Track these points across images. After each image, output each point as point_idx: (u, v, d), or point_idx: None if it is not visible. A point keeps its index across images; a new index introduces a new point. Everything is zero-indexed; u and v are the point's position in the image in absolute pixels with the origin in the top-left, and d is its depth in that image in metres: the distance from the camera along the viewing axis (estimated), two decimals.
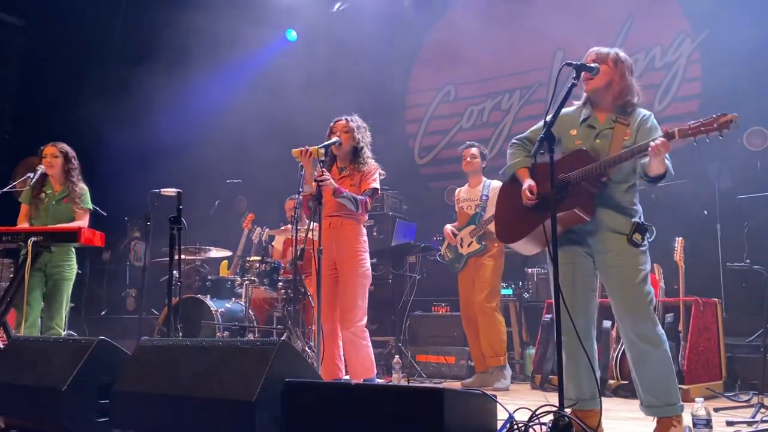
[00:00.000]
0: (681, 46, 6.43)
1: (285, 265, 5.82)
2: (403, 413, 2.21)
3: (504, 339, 5.10)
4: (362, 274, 4.00)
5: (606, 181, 2.88)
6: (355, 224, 4.06)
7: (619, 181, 2.91)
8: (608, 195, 2.90)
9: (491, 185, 5.21)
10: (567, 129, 3.05)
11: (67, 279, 4.53)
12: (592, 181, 2.86)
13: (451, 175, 7.54)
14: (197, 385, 2.54)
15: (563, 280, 2.90)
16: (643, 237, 2.86)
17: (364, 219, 4.14)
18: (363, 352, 3.95)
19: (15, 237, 3.98)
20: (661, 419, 2.81)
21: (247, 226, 6.57)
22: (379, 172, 4.12)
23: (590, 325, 2.97)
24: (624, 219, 2.88)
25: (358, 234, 4.06)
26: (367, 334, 4.03)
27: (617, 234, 2.87)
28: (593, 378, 2.89)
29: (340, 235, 4.01)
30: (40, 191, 4.60)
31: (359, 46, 7.79)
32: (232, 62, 8.15)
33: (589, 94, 3.01)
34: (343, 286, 3.98)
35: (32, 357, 3.05)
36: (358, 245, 4.03)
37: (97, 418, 2.85)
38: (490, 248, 5.12)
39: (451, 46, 7.79)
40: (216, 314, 5.56)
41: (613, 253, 2.87)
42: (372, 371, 4.01)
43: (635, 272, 2.83)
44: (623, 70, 2.94)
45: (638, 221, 2.88)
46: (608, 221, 2.89)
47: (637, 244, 2.84)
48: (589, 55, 2.98)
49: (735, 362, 4.76)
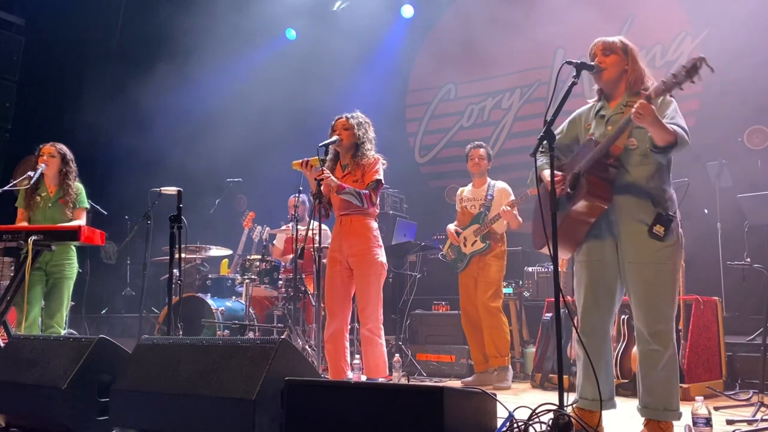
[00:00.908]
0: (681, 44, 6.42)
1: (286, 263, 5.83)
2: (404, 412, 2.21)
3: (508, 339, 5.11)
4: (377, 268, 4.00)
5: (613, 163, 2.75)
6: (364, 219, 4.05)
7: (637, 164, 2.76)
8: (628, 180, 2.76)
9: (496, 186, 5.20)
10: (583, 126, 3.00)
11: (68, 278, 4.53)
12: (600, 167, 2.75)
13: (451, 174, 7.54)
14: (197, 384, 2.54)
15: (585, 279, 2.89)
16: (666, 229, 2.68)
17: (373, 212, 4.12)
18: (378, 351, 3.96)
19: (15, 236, 3.97)
20: (650, 422, 2.75)
21: (247, 225, 6.58)
22: (382, 163, 4.09)
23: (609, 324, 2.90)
24: (647, 207, 2.73)
25: (368, 229, 4.05)
26: (383, 332, 4.03)
27: (639, 224, 2.73)
28: (611, 378, 2.87)
29: (351, 231, 4.02)
30: (35, 194, 4.58)
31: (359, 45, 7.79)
32: (233, 61, 8.15)
33: (602, 87, 2.93)
34: (360, 282, 3.98)
35: (32, 355, 3.05)
36: (369, 240, 4.02)
37: (97, 416, 2.86)
38: (495, 248, 5.11)
39: (451, 45, 7.79)
40: (216, 313, 5.57)
41: (633, 250, 2.75)
42: (384, 371, 4.00)
43: (655, 269, 2.71)
44: (634, 56, 2.88)
45: (661, 212, 2.71)
46: (629, 209, 2.75)
47: (659, 237, 2.68)
48: (596, 45, 2.91)
49: (735, 361, 4.76)
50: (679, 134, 2.62)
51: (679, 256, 2.77)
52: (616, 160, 2.77)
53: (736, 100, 5.81)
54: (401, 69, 8.35)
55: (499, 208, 4.99)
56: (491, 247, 5.09)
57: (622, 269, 2.82)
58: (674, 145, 2.64)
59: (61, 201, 4.58)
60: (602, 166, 2.77)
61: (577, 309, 2.94)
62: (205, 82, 8.12)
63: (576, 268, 3.00)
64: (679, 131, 2.63)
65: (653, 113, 2.55)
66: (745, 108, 5.84)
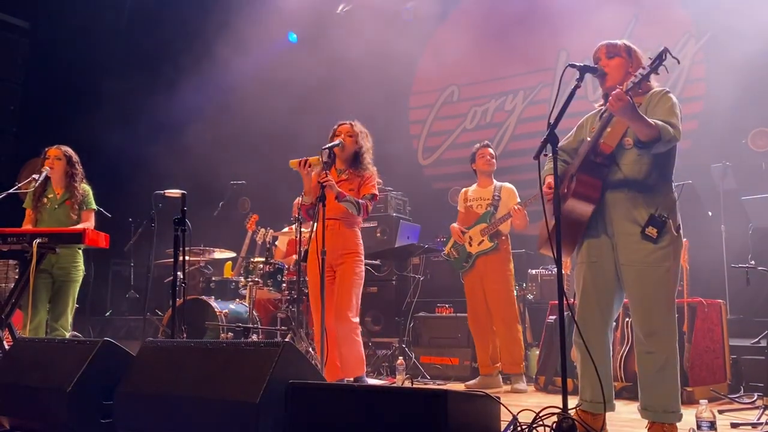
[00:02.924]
0: (685, 46, 6.42)
1: (289, 266, 5.83)
2: (407, 415, 2.21)
3: (523, 347, 5.07)
4: (358, 273, 4.12)
5: (602, 162, 2.74)
6: (351, 227, 4.17)
7: (631, 162, 2.73)
8: (621, 179, 2.74)
9: (503, 186, 5.17)
10: (588, 129, 3.00)
11: (74, 280, 4.54)
12: (589, 165, 2.76)
13: (454, 176, 7.54)
14: (201, 387, 2.55)
15: (583, 280, 2.89)
16: (659, 232, 2.66)
17: (360, 222, 4.24)
18: (356, 348, 4.04)
19: (20, 238, 3.99)
20: (653, 425, 2.74)
21: (251, 227, 6.58)
22: (377, 180, 4.21)
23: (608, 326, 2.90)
24: (641, 207, 2.71)
25: (354, 236, 4.18)
26: (360, 330, 4.11)
27: (632, 225, 2.72)
28: (609, 380, 2.87)
29: (337, 237, 4.06)
30: (42, 195, 4.60)
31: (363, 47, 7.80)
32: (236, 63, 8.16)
33: (606, 91, 2.91)
34: (341, 283, 4.06)
35: (37, 358, 3.06)
36: (355, 247, 4.15)
37: (102, 419, 2.86)
38: (501, 248, 5.04)
39: (454, 47, 7.80)
40: (220, 315, 5.57)
41: (626, 251, 2.74)
42: (362, 369, 4.08)
43: (648, 271, 2.71)
44: (638, 58, 2.87)
45: (654, 213, 2.69)
46: (622, 207, 2.75)
47: (651, 239, 2.67)
48: (600, 48, 2.91)
49: (740, 364, 4.74)
50: (662, 129, 2.59)
51: (675, 257, 2.74)
52: (605, 158, 2.76)
53: (741, 102, 5.80)
54: (404, 71, 8.35)
55: (507, 208, 4.97)
56: (498, 247, 5.03)
57: (619, 270, 2.81)
58: (658, 140, 2.60)
59: (68, 203, 4.59)
60: (591, 165, 2.77)
61: (576, 309, 2.94)
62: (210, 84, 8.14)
63: (575, 269, 3.01)
64: (662, 126, 2.60)
65: (628, 103, 2.52)
66: (749, 110, 5.83)
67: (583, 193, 2.75)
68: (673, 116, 2.70)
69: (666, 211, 2.72)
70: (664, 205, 2.73)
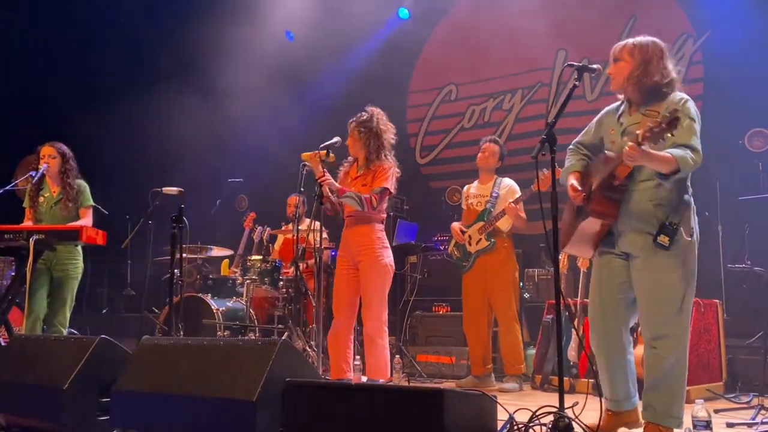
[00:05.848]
0: (683, 47, 6.42)
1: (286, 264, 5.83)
2: (404, 413, 2.21)
3: (522, 348, 5.05)
4: (381, 269, 4.00)
5: (620, 187, 2.77)
6: (368, 222, 4.07)
7: (646, 177, 2.76)
8: (636, 193, 2.78)
9: (502, 183, 5.09)
10: (608, 128, 2.98)
11: (73, 278, 4.52)
12: (608, 187, 2.79)
13: (452, 175, 7.54)
14: (198, 385, 2.55)
15: (594, 283, 2.96)
16: (671, 239, 2.68)
17: (378, 217, 4.11)
18: (380, 353, 3.95)
19: (17, 235, 3.98)
20: (649, 425, 2.76)
21: (248, 225, 6.58)
22: (394, 171, 4.09)
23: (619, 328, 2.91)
24: (653, 218, 2.73)
25: (371, 231, 4.05)
26: (386, 335, 4.02)
27: (644, 235, 2.75)
28: (627, 378, 2.89)
29: (357, 234, 4.05)
30: (39, 194, 4.58)
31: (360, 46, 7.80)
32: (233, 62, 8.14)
33: (616, 93, 2.95)
34: (364, 283, 4.02)
35: (34, 355, 3.06)
36: (373, 242, 4.03)
37: (98, 416, 2.87)
38: (500, 247, 4.97)
39: (452, 46, 7.79)
40: (217, 313, 5.57)
41: (640, 259, 2.78)
42: (386, 373, 3.99)
43: (659, 277, 2.74)
44: (644, 57, 2.79)
45: (665, 221, 2.71)
46: (635, 222, 2.77)
47: (663, 246, 2.69)
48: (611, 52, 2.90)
49: (735, 364, 4.76)
50: (680, 161, 2.58)
51: (689, 263, 2.76)
52: (622, 183, 2.78)
53: (737, 102, 5.80)
54: (402, 70, 8.34)
55: (504, 205, 4.91)
56: (497, 246, 4.96)
57: (633, 277, 2.85)
58: (677, 172, 2.61)
59: (64, 200, 4.57)
60: (609, 186, 2.80)
61: (589, 311, 3.00)
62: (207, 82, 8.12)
63: (592, 270, 3.06)
64: (680, 157, 2.58)
65: (642, 154, 2.54)
66: (745, 110, 5.83)
67: (601, 212, 2.81)
68: (691, 138, 2.68)
69: (677, 218, 2.73)
70: (676, 212, 2.74)
